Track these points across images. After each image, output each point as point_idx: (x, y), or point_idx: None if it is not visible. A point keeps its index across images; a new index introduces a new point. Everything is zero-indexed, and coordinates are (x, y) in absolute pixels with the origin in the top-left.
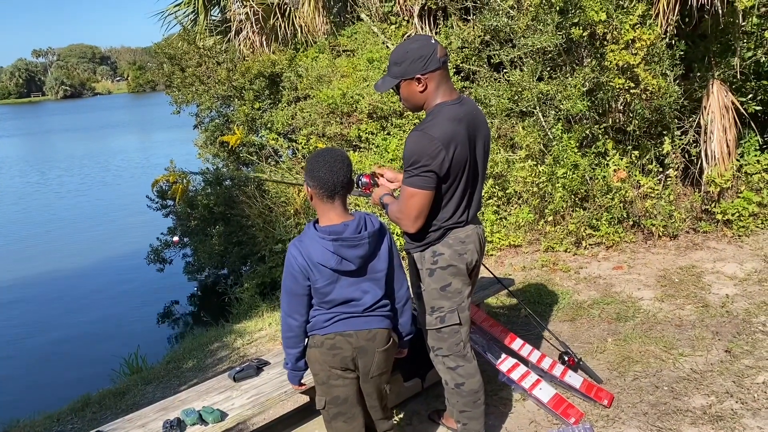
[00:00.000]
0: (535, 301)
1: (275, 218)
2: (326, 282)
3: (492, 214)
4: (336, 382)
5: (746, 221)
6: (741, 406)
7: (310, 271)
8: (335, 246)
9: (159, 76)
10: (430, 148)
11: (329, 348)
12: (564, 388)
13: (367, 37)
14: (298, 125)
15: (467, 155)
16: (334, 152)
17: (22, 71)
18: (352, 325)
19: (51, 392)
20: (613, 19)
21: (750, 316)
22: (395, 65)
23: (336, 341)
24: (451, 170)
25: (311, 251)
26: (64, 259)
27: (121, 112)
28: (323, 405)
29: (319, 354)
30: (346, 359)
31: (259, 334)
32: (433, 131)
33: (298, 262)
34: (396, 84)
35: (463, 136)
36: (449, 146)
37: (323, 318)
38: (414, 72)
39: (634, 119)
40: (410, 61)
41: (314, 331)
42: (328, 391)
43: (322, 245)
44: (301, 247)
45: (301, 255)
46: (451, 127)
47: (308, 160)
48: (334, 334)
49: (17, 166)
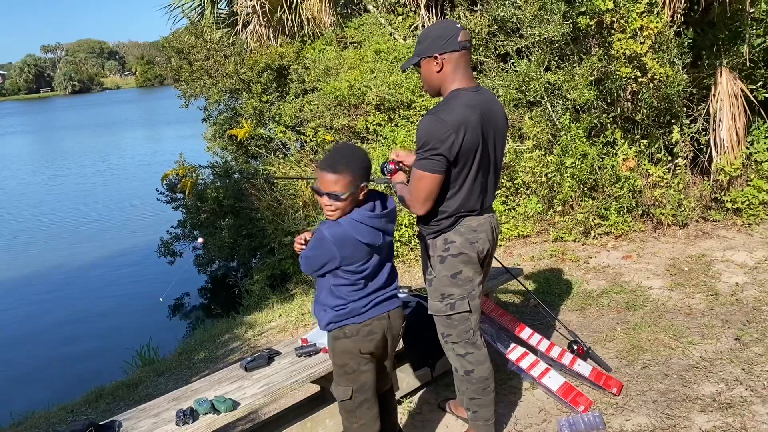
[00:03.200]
0: (544, 290)
1: (284, 210)
2: (362, 261)
3: (501, 205)
4: (365, 368)
5: (756, 209)
6: (750, 394)
7: (350, 253)
8: (381, 222)
9: (167, 70)
10: (440, 131)
11: (366, 335)
12: (573, 376)
13: (374, 29)
14: (306, 118)
15: (479, 142)
16: (350, 145)
17: (31, 67)
18: (385, 307)
19: (65, 384)
20: (620, 7)
21: (760, 304)
22: (419, 44)
23: (372, 326)
24: (461, 155)
25: (357, 233)
26: (75, 253)
27: (129, 107)
28: (350, 395)
29: (352, 343)
30: (378, 342)
31: (269, 325)
32: (444, 115)
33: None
34: (418, 63)
35: (475, 122)
36: (459, 131)
37: (360, 305)
38: (432, 51)
39: (642, 108)
40: (431, 39)
41: (350, 319)
42: (356, 379)
43: (369, 225)
44: (343, 229)
45: (344, 235)
46: (463, 112)
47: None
48: (371, 320)
49: (27, 162)
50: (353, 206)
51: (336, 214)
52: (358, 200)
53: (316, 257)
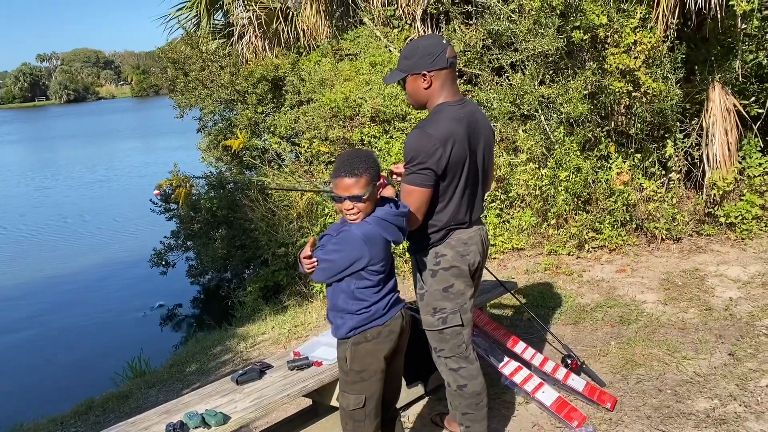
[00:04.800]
0: (538, 304)
1: (278, 222)
2: (384, 261)
3: (495, 218)
4: (380, 375)
5: (749, 224)
6: (744, 410)
7: (378, 252)
8: (402, 221)
9: (162, 80)
10: (427, 146)
11: (386, 335)
12: (567, 391)
13: (369, 41)
14: (301, 129)
15: (466, 155)
16: (357, 149)
17: (26, 76)
18: (400, 307)
19: (55, 396)
20: (614, 22)
21: (753, 319)
22: (405, 59)
23: (392, 326)
24: (449, 169)
25: (385, 231)
26: (66, 263)
27: (124, 116)
28: (363, 402)
29: (374, 346)
30: (395, 342)
31: (262, 337)
32: (431, 129)
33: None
34: (403, 78)
35: (462, 135)
36: (446, 144)
37: (381, 306)
38: (421, 68)
39: (636, 122)
40: (419, 56)
41: (373, 322)
42: (370, 387)
43: (393, 223)
44: (373, 228)
45: (373, 234)
46: (449, 126)
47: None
48: (391, 320)
49: (19, 171)
50: (374, 206)
51: (359, 216)
52: (376, 200)
53: (341, 259)
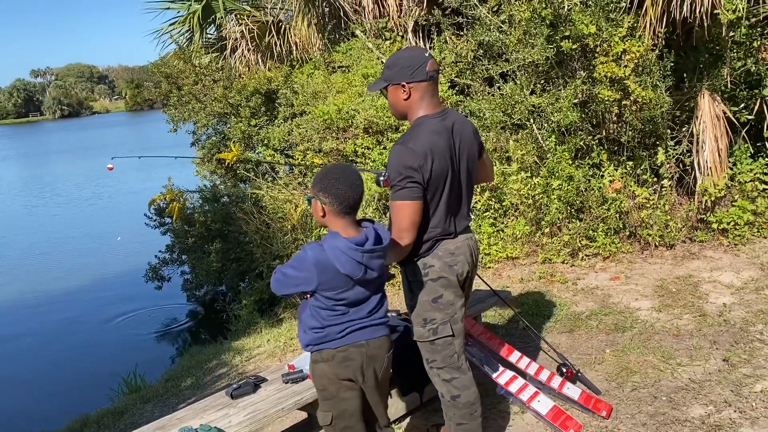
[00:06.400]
0: (532, 313)
1: (273, 234)
2: (341, 289)
3: (489, 227)
4: (345, 394)
5: (742, 230)
6: (739, 416)
7: (329, 279)
8: (366, 258)
9: (156, 94)
10: (410, 160)
11: (341, 360)
12: (562, 400)
13: (361, 53)
14: (295, 141)
15: (447, 167)
16: (350, 169)
17: (20, 91)
18: (365, 335)
19: (49, 412)
20: (603, 31)
21: (747, 325)
22: (387, 69)
23: (349, 353)
24: (432, 181)
25: (338, 261)
26: (61, 278)
27: (118, 131)
28: (329, 421)
29: (329, 368)
30: (356, 370)
31: (257, 351)
32: (411, 144)
33: (319, 268)
34: (386, 87)
35: (443, 148)
36: (428, 157)
37: (336, 330)
38: (400, 78)
39: (627, 130)
40: (399, 67)
41: (325, 344)
42: (336, 406)
43: (350, 256)
44: (326, 255)
45: (326, 261)
46: (429, 139)
47: (322, 176)
48: (346, 347)
49: (11, 187)
50: (337, 225)
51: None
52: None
53: (291, 277)
